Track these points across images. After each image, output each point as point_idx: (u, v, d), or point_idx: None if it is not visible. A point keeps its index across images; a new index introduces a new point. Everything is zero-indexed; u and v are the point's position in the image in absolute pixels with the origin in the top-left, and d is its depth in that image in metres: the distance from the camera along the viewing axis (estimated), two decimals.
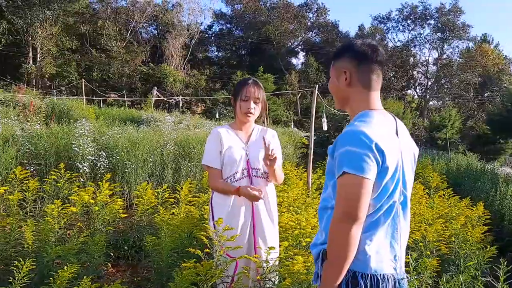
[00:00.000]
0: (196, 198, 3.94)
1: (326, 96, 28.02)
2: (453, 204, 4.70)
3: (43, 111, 10.65)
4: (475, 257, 3.61)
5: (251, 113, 2.69)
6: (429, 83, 48.66)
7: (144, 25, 42.06)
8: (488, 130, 31.17)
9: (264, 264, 2.50)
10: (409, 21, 48.57)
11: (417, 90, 50.89)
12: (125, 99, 24.66)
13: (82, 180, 5.05)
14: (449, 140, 30.57)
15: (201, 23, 45.44)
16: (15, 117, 7.66)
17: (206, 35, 48.05)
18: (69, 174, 4.11)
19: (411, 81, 49.29)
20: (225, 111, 29.63)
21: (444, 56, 48.04)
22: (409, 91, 50.30)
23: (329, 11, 51.98)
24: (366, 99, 1.72)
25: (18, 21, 29.40)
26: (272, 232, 2.76)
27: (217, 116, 20.37)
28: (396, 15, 49.09)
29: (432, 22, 47.52)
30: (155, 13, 40.82)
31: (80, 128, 5.78)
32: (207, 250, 2.43)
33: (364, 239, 1.59)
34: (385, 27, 49.96)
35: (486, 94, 46.15)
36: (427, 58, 50.70)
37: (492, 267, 3.75)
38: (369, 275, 1.59)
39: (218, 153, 2.68)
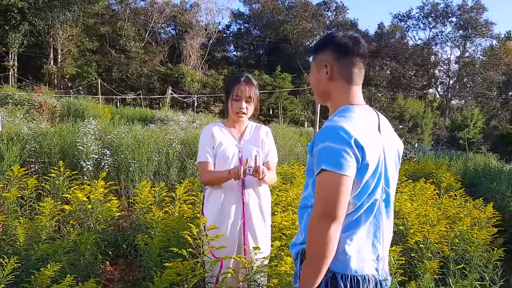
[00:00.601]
0: (193, 197, 3.88)
1: None
2: (462, 204, 4.53)
3: (58, 111, 10.77)
4: (480, 259, 3.46)
5: (243, 113, 2.63)
6: (451, 82, 47.71)
7: (162, 26, 42.43)
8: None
9: (251, 264, 2.42)
10: (430, 19, 47.70)
11: (439, 89, 49.97)
12: (141, 97, 24.83)
13: (86, 178, 5.05)
14: (470, 140, 29.97)
15: (219, 23, 45.65)
16: (21, 116, 7.74)
17: (224, 35, 48.20)
18: (69, 172, 4.10)
19: (433, 80, 48.39)
20: None
21: (467, 54, 47.04)
22: (430, 90, 49.44)
23: (348, 9, 51.52)
24: (347, 94, 1.65)
25: (39, 23, 29.96)
26: (263, 232, 2.68)
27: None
28: (417, 12, 48.30)
29: (454, 19, 46.61)
30: (173, 13, 41.13)
31: (85, 127, 5.79)
32: (190, 249, 2.36)
33: (344, 239, 1.53)
34: (405, 25, 49.18)
35: (510, 93, 45.02)
36: (448, 56, 49.84)
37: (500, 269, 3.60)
38: (349, 276, 1.53)
39: (211, 149, 2.64)
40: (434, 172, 7.45)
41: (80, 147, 5.30)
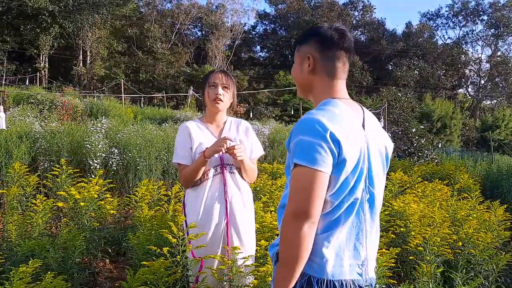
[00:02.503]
0: None
1: (371, 95, 27.38)
2: (473, 207, 4.34)
3: (80, 111, 10.97)
4: (487, 264, 3.30)
5: (219, 99, 2.53)
6: (482, 82, 46.34)
7: (188, 27, 42.88)
8: None
9: (230, 264, 2.36)
10: (460, 17, 46.51)
11: (469, 89, 48.60)
12: (162, 95, 25.09)
13: (93, 176, 5.09)
14: (503, 141, 28.99)
15: (245, 24, 45.79)
16: (33, 115, 7.91)
17: (250, 36, 48.29)
18: (71, 169, 4.14)
19: (463, 79, 47.12)
20: (265, 111, 29.58)
21: (498, 53, 45.61)
22: (460, 90, 48.14)
23: (375, 8, 50.81)
24: (330, 88, 1.56)
25: (69, 25, 30.80)
26: (248, 231, 2.60)
27: (250, 116, 20.25)
28: (446, 11, 47.31)
29: (485, 18, 45.32)
30: (199, 14, 41.51)
31: (94, 126, 5.86)
32: (166, 248, 2.32)
33: (322, 240, 1.43)
34: (434, 24, 48.12)
35: None
36: (479, 55, 48.37)
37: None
38: (326, 281, 1.42)
39: (188, 149, 2.53)
40: (452, 174, 7.21)
41: (88, 145, 5.36)
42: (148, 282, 2.20)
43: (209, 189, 2.49)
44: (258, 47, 50.41)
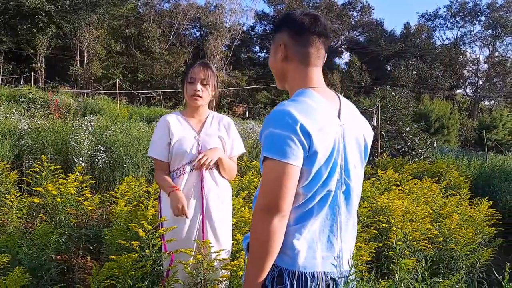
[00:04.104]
0: None
1: (369, 96, 27.35)
2: (457, 203, 4.31)
3: (73, 110, 10.93)
4: (468, 259, 3.27)
5: (198, 95, 2.48)
6: (480, 82, 46.37)
7: (187, 27, 42.85)
8: None
9: (201, 259, 2.32)
10: (458, 18, 46.59)
11: (467, 90, 48.64)
12: (155, 91, 25.06)
13: (78, 174, 5.06)
14: (500, 141, 29.06)
15: (243, 24, 45.81)
16: (18, 113, 7.86)
17: (249, 36, 48.27)
18: (53, 166, 4.10)
19: (461, 80, 47.16)
20: (264, 111, 29.57)
21: (496, 53, 45.67)
22: (458, 91, 48.20)
23: (373, 9, 50.96)
24: (304, 76, 1.51)
25: (66, 25, 30.80)
26: (224, 227, 2.56)
27: (246, 115, 20.25)
28: (444, 12, 47.28)
29: (482, 18, 45.41)
30: (197, 15, 41.50)
31: (79, 123, 5.81)
32: (136, 242, 2.28)
33: (293, 232, 1.40)
34: (432, 25, 48.17)
35: None
36: (477, 56, 48.40)
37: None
38: (297, 273, 1.39)
39: (165, 145, 2.48)
40: (443, 172, 7.19)
41: (73, 142, 5.31)
42: (116, 276, 2.16)
43: (185, 184, 2.45)
44: (257, 48, 50.44)
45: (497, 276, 1.83)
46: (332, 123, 1.44)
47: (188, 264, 2.35)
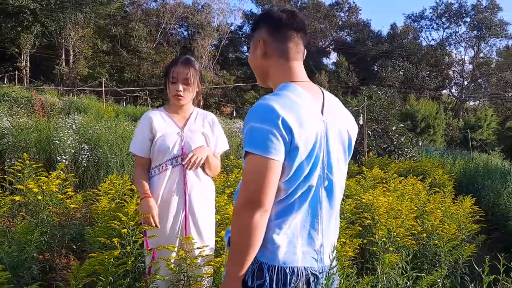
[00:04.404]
0: None
1: (356, 96, 27.52)
2: (441, 200, 4.35)
3: (57, 109, 10.80)
4: (450, 255, 3.30)
5: (180, 95, 2.47)
6: (465, 83, 46.97)
7: (174, 26, 42.67)
8: None
9: (184, 255, 2.31)
10: (443, 19, 47.21)
11: (453, 90, 49.24)
12: (145, 93, 24.90)
13: (62, 173, 4.99)
14: (485, 141, 29.48)
15: (231, 23, 45.75)
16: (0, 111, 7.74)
17: (237, 36, 48.24)
18: (35, 164, 4.03)
19: (446, 80, 47.74)
20: None
21: (481, 54, 46.35)
22: (444, 91, 48.79)
23: (360, 10, 51.19)
24: (286, 70, 1.51)
25: (51, 24, 30.42)
26: (207, 224, 2.54)
27: (234, 115, 20.29)
28: (430, 13, 47.92)
29: (467, 19, 46.07)
30: (185, 14, 41.33)
31: (63, 121, 5.73)
32: (116, 239, 2.25)
33: (273, 227, 1.39)
34: (418, 26, 48.73)
35: None
36: (463, 57, 49.12)
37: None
38: (277, 268, 1.39)
39: (147, 141, 2.46)
40: (428, 170, 7.26)
41: (56, 141, 5.24)
42: (98, 273, 2.13)
43: (167, 180, 2.42)
44: (245, 47, 50.36)
45: (478, 269, 1.84)
46: (314, 118, 1.43)
47: (171, 261, 2.33)
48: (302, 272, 1.42)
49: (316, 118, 1.44)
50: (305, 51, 1.58)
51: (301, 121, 1.37)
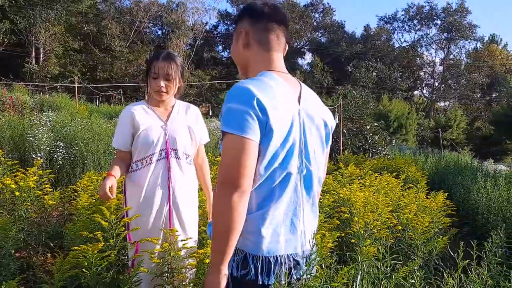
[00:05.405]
0: None
1: (331, 96, 27.83)
2: (413, 195, 4.48)
3: (29, 107, 10.55)
4: (425, 247, 3.41)
5: (162, 91, 2.48)
6: (436, 84, 48.15)
7: (148, 25, 42.19)
8: (493, 131, 30.77)
9: (171, 248, 2.32)
10: (415, 21, 48.25)
11: (424, 91, 50.40)
12: (118, 92, 24.57)
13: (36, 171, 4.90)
14: (454, 140, 30.33)
15: (206, 23, 45.55)
16: None
17: (212, 35, 48.07)
18: (10, 161, 3.96)
19: (418, 81, 48.83)
20: None
21: (451, 56, 47.58)
22: (415, 92, 49.89)
23: (335, 11, 51.87)
24: (266, 60, 1.55)
25: (20, 21, 29.62)
26: (191, 217, 2.56)
27: (210, 114, 20.30)
28: (402, 15, 48.80)
29: (438, 22, 47.22)
30: (159, 12, 40.93)
31: (38, 118, 5.62)
32: (99, 232, 2.25)
33: (258, 218, 1.41)
34: (391, 27, 49.63)
35: (493, 95, 45.58)
36: (433, 58, 50.36)
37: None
38: (261, 257, 1.41)
39: (129, 136, 2.45)
40: (402, 167, 7.44)
41: (31, 138, 5.14)
42: (81, 266, 2.12)
43: (151, 174, 2.42)
44: (220, 47, 50.30)
45: (453, 255, 1.93)
46: (290, 104, 1.47)
47: (154, 253, 2.34)
48: (285, 260, 1.46)
49: (292, 106, 1.48)
50: (287, 45, 1.62)
51: (276, 105, 1.40)
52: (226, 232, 1.34)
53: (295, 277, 1.51)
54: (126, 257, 2.52)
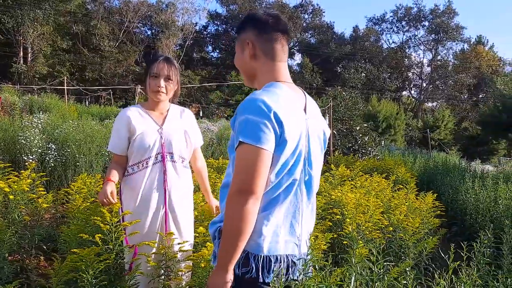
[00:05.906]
0: None
1: (320, 96, 27.95)
2: (403, 196, 4.55)
3: (18, 108, 10.46)
4: (415, 247, 3.47)
5: (161, 91, 2.50)
6: (424, 85, 48.62)
7: (138, 25, 41.99)
8: (480, 131, 31.16)
9: (168, 251, 2.35)
10: (403, 23, 48.64)
11: (412, 92, 50.87)
12: (108, 92, 24.41)
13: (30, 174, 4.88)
14: (442, 140, 30.66)
15: (196, 23, 45.45)
16: None
17: (202, 36, 47.99)
18: (3, 164, 3.94)
19: (406, 82, 49.27)
20: (217, 111, 29.56)
21: (439, 57, 48.07)
22: (404, 92, 50.34)
23: (324, 12, 52.06)
24: (272, 70, 1.61)
25: (8, 21, 29.29)
26: (186, 220, 2.59)
27: (200, 114, 20.30)
28: (391, 16, 49.20)
29: (426, 23, 47.73)
30: (149, 13, 40.75)
31: (29, 120, 5.59)
32: (98, 235, 2.27)
33: (261, 219, 1.48)
34: (379, 29, 50.01)
35: (480, 96, 46.16)
36: (421, 59, 50.81)
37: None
38: (262, 256, 1.48)
39: (124, 139, 2.48)
40: (391, 168, 7.54)
41: (22, 140, 5.12)
42: (79, 269, 2.14)
43: (148, 178, 2.45)
44: (210, 47, 50.23)
45: (444, 256, 1.98)
46: (299, 115, 1.55)
47: (151, 256, 2.37)
48: (284, 260, 1.53)
49: (301, 116, 1.56)
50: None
51: (289, 117, 1.48)
52: (239, 234, 1.41)
53: (291, 277, 1.56)
54: (123, 261, 2.54)
